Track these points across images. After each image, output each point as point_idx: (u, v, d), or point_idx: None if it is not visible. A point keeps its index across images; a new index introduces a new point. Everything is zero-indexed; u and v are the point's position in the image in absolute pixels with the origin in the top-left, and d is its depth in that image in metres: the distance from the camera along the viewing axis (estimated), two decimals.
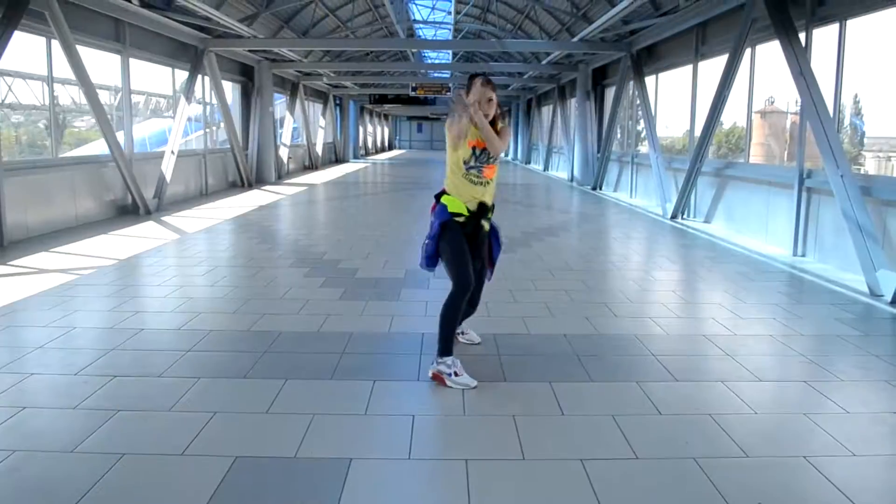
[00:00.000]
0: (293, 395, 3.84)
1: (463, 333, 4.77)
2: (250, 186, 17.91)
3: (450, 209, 4.12)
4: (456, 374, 3.99)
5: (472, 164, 4.08)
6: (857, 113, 9.20)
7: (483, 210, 4.15)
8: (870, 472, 3.05)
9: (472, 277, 4.08)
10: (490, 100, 4.08)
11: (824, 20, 8.36)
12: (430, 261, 4.22)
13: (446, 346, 4.06)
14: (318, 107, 29.58)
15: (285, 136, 22.94)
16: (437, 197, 4.24)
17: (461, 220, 4.11)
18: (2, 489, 2.80)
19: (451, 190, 4.17)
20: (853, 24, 7.97)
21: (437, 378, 4.03)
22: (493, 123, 4.11)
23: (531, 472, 3.01)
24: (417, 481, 2.96)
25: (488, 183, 4.15)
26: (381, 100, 32.94)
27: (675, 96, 14.46)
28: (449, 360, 4.03)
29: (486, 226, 4.23)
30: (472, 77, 4.11)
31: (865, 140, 9.45)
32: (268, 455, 3.13)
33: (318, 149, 28.07)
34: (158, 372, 4.17)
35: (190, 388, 3.92)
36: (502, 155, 4.30)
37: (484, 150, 4.08)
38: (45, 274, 6.97)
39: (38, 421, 3.47)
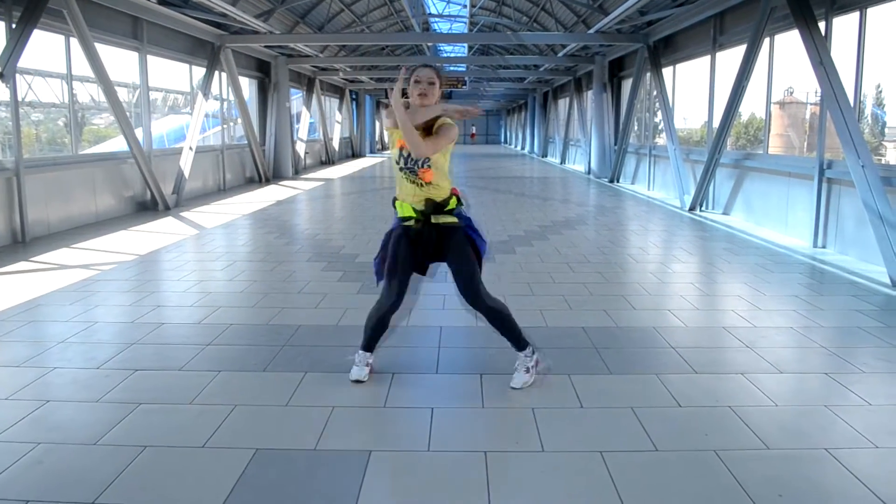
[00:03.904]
0: (313, 388, 3.86)
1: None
2: (268, 182, 17.99)
3: (399, 214, 3.76)
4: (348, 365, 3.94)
5: (402, 165, 3.65)
6: (879, 103, 9.08)
7: (432, 206, 3.67)
8: (892, 464, 3.02)
9: (396, 298, 3.76)
10: (432, 83, 3.58)
11: (844, 8, 8.25)
12: (378, 272, 3.91)
13: (366, 341, 3.98)
14: (335, 102, 29.65)
15: (302, 131, 23.02)
16: (393, 203, 3.86)
17: (412, 223, 3.71)
18: (26, 481, 2.84)
19: (398, 194, 3.77)
20: (874, 11, 7.86)
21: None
22: (432, 124, 3.62)
23: (551, 465, 3.01)
24: (437, 474, 2.96)
25: (431, 185, 3.66)
26: None
27: (692, 87, 14.35)
28: (363, 353, 3.99)
29: (449, 220, 3.72)
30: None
31: (887, 130, 9.33)
32: (288, 448, 3.15)
33: (335, 144, 28.18)
34: (179, 365, 4.21)
35: (210, 381, 3.95)
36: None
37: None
38: (67, 269, 7.05)
39: (61, 414, 3.52)
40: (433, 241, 3.73)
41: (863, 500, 2.72)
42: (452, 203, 3.74)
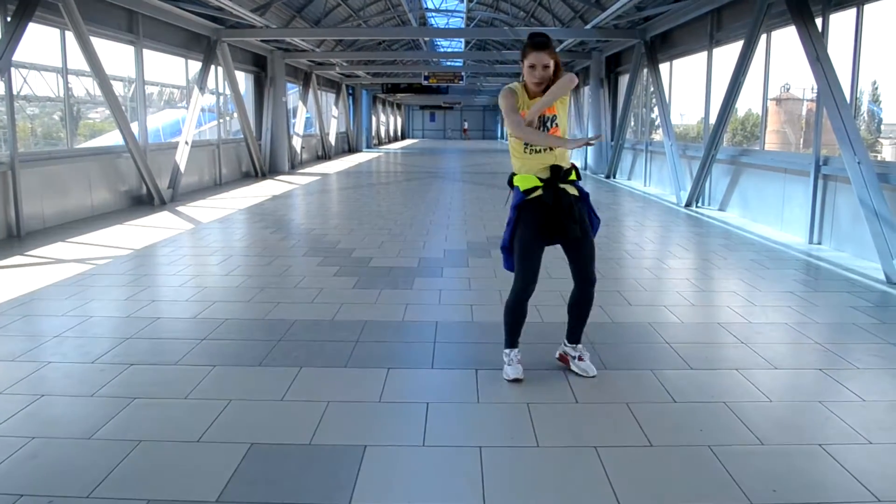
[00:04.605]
0: (308, 383, 3.86)
1: (578, 359, 4.06)
2: (264, 176, 17.97)
3: (523, 188, 3.78)
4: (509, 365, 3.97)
5: None
6: (875, 99, 9.10)
7: (558, 173, 3.75)
8: (886, 459, 3.03)
9: (532, 280, 3.83)
10: (546, 66, 3.67)
11: (841, 5, 8.25)
12: (508, 257, 3.91)
13: (509, 338, 4.02)
14: (331, 96, 29.60)
15: (298, 125, 22.96)
16: (510, 182, 3.90)
17: (538, 193, 3.74)
18: (20, 475, 2.84)
19: (517, 169, 3.84)
20: (871, 8, 7.86)
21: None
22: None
23: (545, 460, 3.01)
24: (432, 468, 2.97)
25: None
26: (394, 89, 32.86)
27: (689, 83, 14.35)
28: (508, 351, 4.00)
29: (572, 190, 3.80)
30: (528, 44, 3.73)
31: (883, 126, 9.35)
32: (283, 442, 3.15)
33: (331, 138, 28.12)
34: (174, 360, 4.21)
35: (206, 375, 3.95)
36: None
37: (542, 117, 3.73)
38: (62, 264, 7.04)
39: (55, 408, 3.52)
40: (563, 210, 3.72)
41: (856, 495, 2.73)
42: (573, 175, 3.82)
